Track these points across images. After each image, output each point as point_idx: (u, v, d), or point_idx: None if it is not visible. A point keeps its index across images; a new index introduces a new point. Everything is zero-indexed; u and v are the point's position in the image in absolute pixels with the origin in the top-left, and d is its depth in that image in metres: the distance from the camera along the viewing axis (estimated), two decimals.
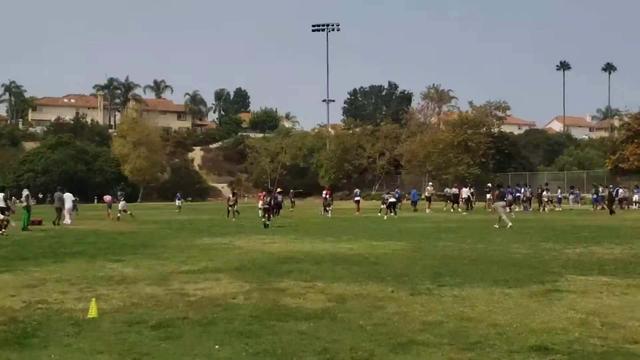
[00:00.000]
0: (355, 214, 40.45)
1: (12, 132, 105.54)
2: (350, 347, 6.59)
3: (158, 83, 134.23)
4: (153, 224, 30.67)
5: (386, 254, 15.74)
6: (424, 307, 8.74)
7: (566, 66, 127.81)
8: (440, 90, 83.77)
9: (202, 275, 12.13)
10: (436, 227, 26.17)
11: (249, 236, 22.27)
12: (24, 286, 10.96)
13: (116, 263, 14.42)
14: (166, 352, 6.46)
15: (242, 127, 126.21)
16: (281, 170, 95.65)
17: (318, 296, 9.69)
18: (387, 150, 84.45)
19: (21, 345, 6.80)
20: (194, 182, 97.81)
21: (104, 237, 22.21)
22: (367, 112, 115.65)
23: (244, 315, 8.30)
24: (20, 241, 20.74)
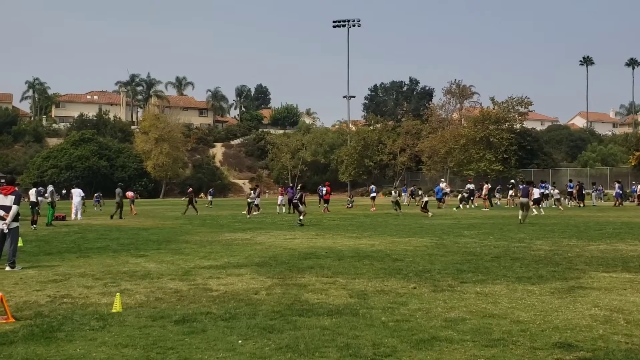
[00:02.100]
0: (371, 210, 40.43)
1: (35, 129, 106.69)
2: (373, 343, 6.60)
3: (180, 79, 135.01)
4: (175, 220, 30.89)
5: (407, 250, 15.72)
6: (446, 304, 8.72)
7: (589, 61, 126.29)
8: (462, 85, 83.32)
9: (225, 271, 12.21)
10: (457, 223, 26.05)
11: (270, 232, 22.36)
12: (49, 281, 11.11)
13: (139, 258, 14.57)
14: (190, 347, 6.52)
15: (263, 124, 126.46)
16: (302, 167, 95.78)
17: (340, 292, 9.71)
18: (408, 147, 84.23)
19: (47, 339, 6.89)
20: (215, 178, 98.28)
21: (126, 233, 22.42)
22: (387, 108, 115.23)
23: (266, 310, 8.34)
24: (44, 237, 20.99)
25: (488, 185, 45.59)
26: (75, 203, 32.17)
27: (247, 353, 6.29)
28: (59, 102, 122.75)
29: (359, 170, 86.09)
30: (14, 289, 10.19)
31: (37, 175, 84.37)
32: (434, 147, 75.44)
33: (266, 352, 6.33)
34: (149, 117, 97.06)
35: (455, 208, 40.52)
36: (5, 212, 12.83)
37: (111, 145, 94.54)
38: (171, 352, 6.32)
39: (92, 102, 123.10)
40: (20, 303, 9.00)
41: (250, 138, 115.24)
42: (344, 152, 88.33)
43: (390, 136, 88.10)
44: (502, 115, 73.43)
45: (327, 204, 39.47)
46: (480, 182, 49.31)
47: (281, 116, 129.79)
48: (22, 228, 15.85)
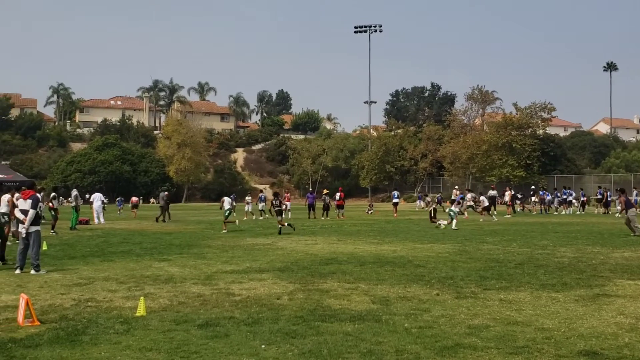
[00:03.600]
0: (394, 216, 40.33)
1: (60, 134, 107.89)
2: (396, 349, 6.58)
3: (202, 85, 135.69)
4: (197, 225, 31.05)
5: (430, 256, 15.65)
6: (469, 311, 8.67)
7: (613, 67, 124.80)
8: (484, 91, 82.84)
9: (247, 275, 12.25)
10: (480, 230, 25.88)
11: (291, 237, 22.38)
12: (73, 284, 11.23)
13: (163, 262, 14.67)
14: (213, 351, 6.54)
15: (284, 129, 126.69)
16: (322, 172, 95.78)
17: (362, 298, 9.69)
18: (430, 152, 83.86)
19: (72, 343, 6.96)
20: (237, 183, 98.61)
21: (149, 237, 22.57)
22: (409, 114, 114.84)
23: (289, 315, 8.35)
24: (68, 240, 21.21)
25: (511, 191, 45.25)
26: (96, 207, 32.47)
27: (270, 358, 6.31)
28: (82, 108, 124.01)
29: (380, 176, 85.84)
30: (39, 293, 10.30)
31: (60, 179, 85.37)
32: (456, 153, 75.03)
33: (289, 357, 6.34)
34: (172, 123, 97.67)
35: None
36: (25, 216, 13.00)
37: (134, 150, 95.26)
38: (195, 356, 6.35)
39: (116, 107, 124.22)
40: (46, 306, 9.10)
41: (272, 143, 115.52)
42: (365, 157, 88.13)
43: (412, 142, 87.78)
44: (525, 121, 72.86)
45: (342, 210, 39.39)
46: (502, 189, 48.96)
47: (302, 121, 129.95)
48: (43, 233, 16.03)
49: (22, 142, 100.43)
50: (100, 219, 32.11)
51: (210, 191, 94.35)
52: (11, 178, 51.05)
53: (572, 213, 43.38)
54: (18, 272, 12.75)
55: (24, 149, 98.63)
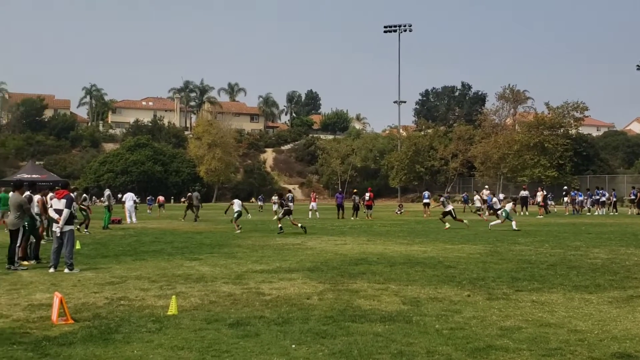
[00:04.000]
0: (424, 216, 40.13)
1: (92, 134, 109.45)
2: (427, 351, 6.55)
3: (232, 86, 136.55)
4: (227, 224, 31.20)
5: (461, 257, 15.54)
6: (501, 312, 8.59)
7: None
8: (516, 90, 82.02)
9: (277, 275, 12.29)
10: (511, 231, 25.60)
11: (321, 237, 22.40)
12: (106, 283, 11.37)
13: (193, 261, 14.79)
14: (244, 350, 6.57)
15: (313, 129, 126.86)
16: (352, 172, 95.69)
17: (392, 298, 9.66)
18: (460, 152, 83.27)
19: (105, 341, 7.05)
20: (266, 183, 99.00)
21: (180, 236, 22.77)
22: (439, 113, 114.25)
23: (319, 315, 8.36)
24: (101, 240, 21.49)
25: (543, 191, 44.73)
26: (128, 207, 32.86)
27: (300, 358, 6.31)
28: (115, 108, 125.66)
29: (410, 176, 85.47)
30: (73, 291, 10.45)
31: (93, 179, 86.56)
32: (487, 153, 74.40)
33: (320, 357, 6.34)
34: (202, 123, 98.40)
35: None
36: (59, 216, 13.20)
37: (165, 150, 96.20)
38: (226, 356, 6.38)
39: (147, 108, 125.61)
40: (79, 305, 9.22)
41: (301, 143, 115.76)
42: (395, 157, 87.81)
43: (442, 141, 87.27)
44: (557, 120, 72.02)
45: (371, 210, 39.29)
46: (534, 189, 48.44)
47: (331, 121, 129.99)
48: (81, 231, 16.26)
49: (56, 142, 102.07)
50: (133, 219, 32.49)
51: (240, 191, 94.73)
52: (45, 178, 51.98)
53: (605, 214, 42.68)
54: (52, 271, 12.95)
55: (57, 150, 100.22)
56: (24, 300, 9.59)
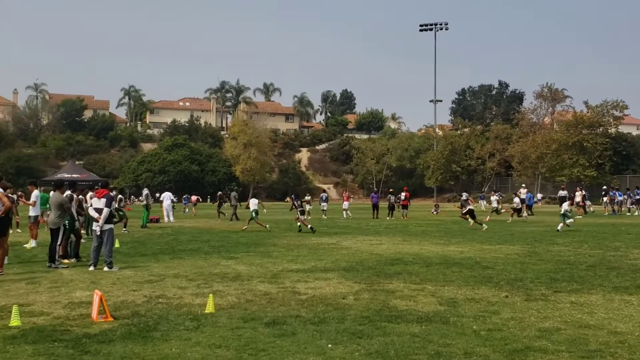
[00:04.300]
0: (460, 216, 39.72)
1: (131, 134, 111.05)
2: (464, 352, 6.49)
3: (267, 86, 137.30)
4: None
5: (498, 257, 15.37)
6: (540, 313, 8.48)
7: None
8: (554, 89, 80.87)
9: (312, 275, 12.31)
10: (550, 231, 25.24)
11: (356, 237, 22.37)
12: (144, 281, 11.52)
13: (230, 260, 14.90)
14: (281, 349, 6.59)
15: (348, 129, 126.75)
16: (387, 172, 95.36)
17: (429, 299, 9.59)
18: (497, 151, 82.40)
19: (144, 338, 7.13)
20: (301, 182, 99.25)
21: (217, 235, 22.97)
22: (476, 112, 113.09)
23: (355, 315, 8.34)
24: (139, 238, 21.78)
25: (582, 191, 43.99)
26: (166, 206, 33.26)
27: (337, 357, 6.31)
28: (153, 109, 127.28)
29: (446, 176, 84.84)
30: (112, 289, 10.60)
31: (132, 179, 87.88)
32: (525, 152, 73.52)
33: (356, 357, 6.32)
34: (238, 123, 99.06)
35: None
36: (99, 215, 13.41)
37: (202, 150, 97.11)
38: (263, 354, 6.41)
39: (184, 108, 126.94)
40: (118, 302, 9.36)
41: (335, 143, 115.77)
42: (431, 157, 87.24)
43: (479, 141, 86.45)
44: (596, 119, 70.82)
45: (406, 210, 39.11)
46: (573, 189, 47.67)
47: (366, 121, 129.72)
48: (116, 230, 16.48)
49: (95, 142, 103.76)
50: (170, 218, 32.87)
51: (275, 190, 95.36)
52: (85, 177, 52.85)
53: None
54: (92, 269, 13.17)
55: (97, 149, 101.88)
56: (65, 298, 9.76)
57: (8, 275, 12.34)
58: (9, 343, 6.88)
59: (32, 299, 9.71)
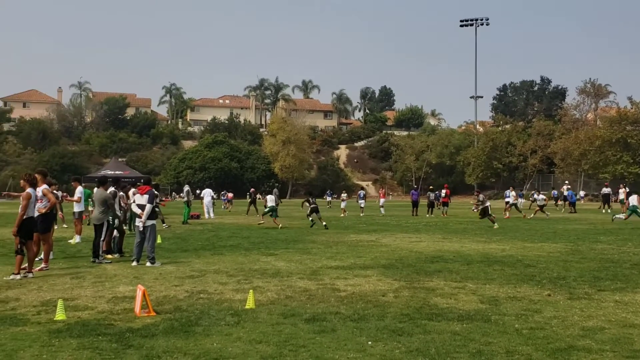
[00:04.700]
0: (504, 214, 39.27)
1: (172, 132, 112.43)
2: (506, 350, 6.42)
3: (306, 83, 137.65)
4: (302, 220, 31.45)
5: (540, 256, 15.16)
6: (583, 312, 8.34)
7: None
8: (597, 84, 79.34)
9: (351, 272, 12.30)
10: (593, 228, 24.80)
11: (395, 234, 22.29)
12: (186, 277, 11.66)
13: (269, 257, 14.99)
14: (321, 346, 6.61)
15: (387, 125, 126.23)
16: (426, 169, 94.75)
17: (470, 297, 9.51)
18: (540, 148, 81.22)
19: (186, 333, 7.22)
20: (339, 179, 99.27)
21: (257, 232, 23.12)
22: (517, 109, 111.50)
23: (395, 313, 8.31)
24: (181, 234, 22.06)
25: (626, 189, 43.06)
26: (206, 203, 33.60)
27: (377, 355, 6.30)
28: (193, 107, 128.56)
29: (487, 173, 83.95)
30: (154, 284, 10.76)
31: (173, 176, 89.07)
32: (567, 149, 72.33)
33: (396, 354, 6.30)
34: (277, 120, 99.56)
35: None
36: (142, 211, 13.62)
37: (241, 147, 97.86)
38: (303, 350, 6.44)
39: (224, 106, 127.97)
40: (161, 297, 9.49)
41: (374, 140, 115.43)
42: (471, 153, 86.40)
43: (520, 137, 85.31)
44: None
45: (446, 207, 38.82)
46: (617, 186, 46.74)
47: (405, 117, 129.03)
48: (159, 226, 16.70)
49: (138, 140, 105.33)
50: (211, 214, 33.20)
51: (314, 187, 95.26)
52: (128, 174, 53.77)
53: None
54: (134, 264, 13.38)
55: (139, 147, 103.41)
56: (108, 293, 9.94)
57: (53, 270, 12.62)
58: (54, 337, 7.03)
59: (76, 293, 9.91)
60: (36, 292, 10.04)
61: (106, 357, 6.24)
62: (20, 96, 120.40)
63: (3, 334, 7.14)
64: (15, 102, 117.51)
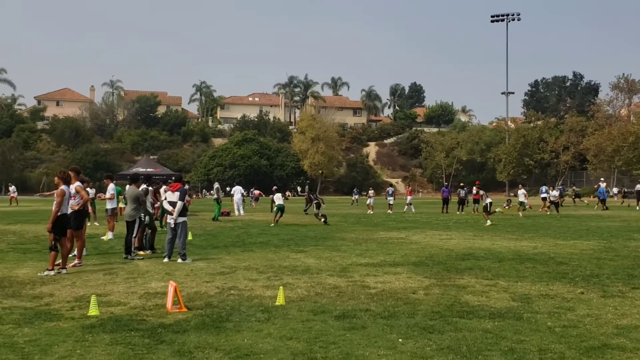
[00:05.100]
0: (539, 210, 38.89)
1: (202, 129, 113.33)
2: (539, 349, 6.35)
3: (335, 80, 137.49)
4: (331, 217, 31.44)
5: (573, 253, 14.96)
6: (617, 310, 8.22)
7: None
8: (631, 80, 78.01)
9: (381, 269, 12.27)
10: (627, 226, 24.41)
11: (425, 231, 22.18)
12: (217, 273, 11.74)
13: (299, 253, 15.02)
14: (351, 343, 6.60)
15: (417, 122, 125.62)
16: (457, 166, 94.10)
17: (501, 295, 9.42)
18: (572, 145, 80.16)
19: (217, 329, 7.27)
20: (369, 176, 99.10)
21: (286, 229, 23.18)
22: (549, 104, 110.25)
23: (425, 310, 8.27)
24: (211, 231, 22.21)
25: None
26: (236, 200, 33.77)
27: (408, 352, 6.27)
28: (223, 104, 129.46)
29: (518, 170, 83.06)
30: (186, 280, 10.85)
31: (203, 173, 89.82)
32: (600, 145, 71.26)
33: (427, 352, 6.27)
34: (306, 118, 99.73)
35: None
36: (173, 208, 13.74)
37: (271, 145, 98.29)
38: (333, 347, 6.44)
39: (254, 103, 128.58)
40: (192, 293, 9.57)
41: (404, 137, 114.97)
42: (502, 150, 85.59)
43: (553, 134, 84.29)
44: None
45: (478, 204, 38.52)
46: None
47: (435, 114, 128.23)
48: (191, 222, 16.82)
49: (169, 137, 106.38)
50: (240, 211, 33.37)
51: (343, 184, 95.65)
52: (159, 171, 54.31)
53: None
54: (166, 261, 13.51)
55: (170, 144, 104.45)
56: (141, 289, 10.05)
57: (87, 266, 12.80)
58: (87, 332, 7.13)
59: (109, 289, 10.04)
60: (70, 287, 10.19)
61: (139, 352, 6.31)
62: (54, 95, 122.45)
63: (38, 329, 7.26)
64: (48, 101, 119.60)
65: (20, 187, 64.13)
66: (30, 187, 79.06)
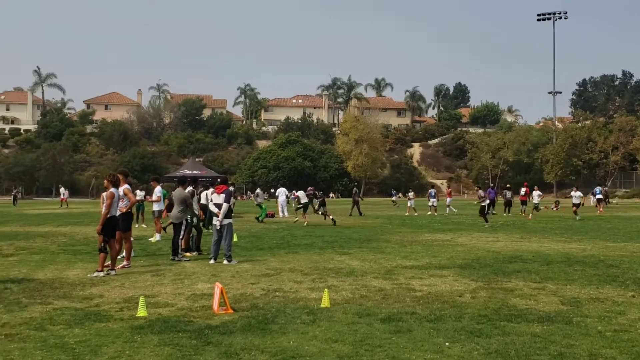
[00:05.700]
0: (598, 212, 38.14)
1: (247, 132, 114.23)
2: (589, 353, 6.22)
3: (379, 81, 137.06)
4: (375, 219, 31.42)
5: (624, 256, 14.61)
6: None
7: None
8: None
9: (427, 271, 12.17)
10: None
11: (471, 233, 21.93)
12: (262, 275, 11.81)
13: (343, 255, 15.01)
14: (397, 346, 6.56)
15: (462, 122, 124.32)
16: (503, 166, 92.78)
17: (550, 298, 9.25)
18: (621, 144, 78.35)
19: (263, 331, 7.30)
20: (413, 178, 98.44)
21: (330, 231, 23.19)
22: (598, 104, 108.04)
23: (472, 313, 8.17)
24: (256, 233, 22.37)
25: None
26: (281, 201, 33.94)
27: (455, 356, 6.21)
28: (267, 107, 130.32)
29: (566, 170, 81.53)
30: (231, 282, 10.94)
31: (248, 175, 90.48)
32: None
33: (474, 356, 6.20)
34: (349, 119, 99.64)
35: None
36: (219, 210, 13.86)
37: (314, 146, 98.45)
38: (379, 350, 6.41)
39: (297, 105, 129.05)
40: (237, 295, 9.64)
41: (449, 137, 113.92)
42: (550, 150, 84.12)
43: (601, 133, 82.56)
44: None
45: (525, 206, 37.97)
46: None
47: (481, 114, 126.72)
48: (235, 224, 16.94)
49: (214, 140, 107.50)
50: (285, 213, 33.53)
51: (387, 186, 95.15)
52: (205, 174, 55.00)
53: None
54: (212, 262, 13.64)
55: (215, 147, 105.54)
56: (188, 290, 10.17)
57: (135, 267, 13.01)
58: (136, 333, 7.24)
59: (157, 290, 10.18)
60: (119, 289, 10.37)
61: (186, 353, 6.38)
62: (102, 99, 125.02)
63: (88, 330, 7.40)
64: (97, 105, 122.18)
65: (70, 190, 65.66)
66: (80, 190, 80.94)
